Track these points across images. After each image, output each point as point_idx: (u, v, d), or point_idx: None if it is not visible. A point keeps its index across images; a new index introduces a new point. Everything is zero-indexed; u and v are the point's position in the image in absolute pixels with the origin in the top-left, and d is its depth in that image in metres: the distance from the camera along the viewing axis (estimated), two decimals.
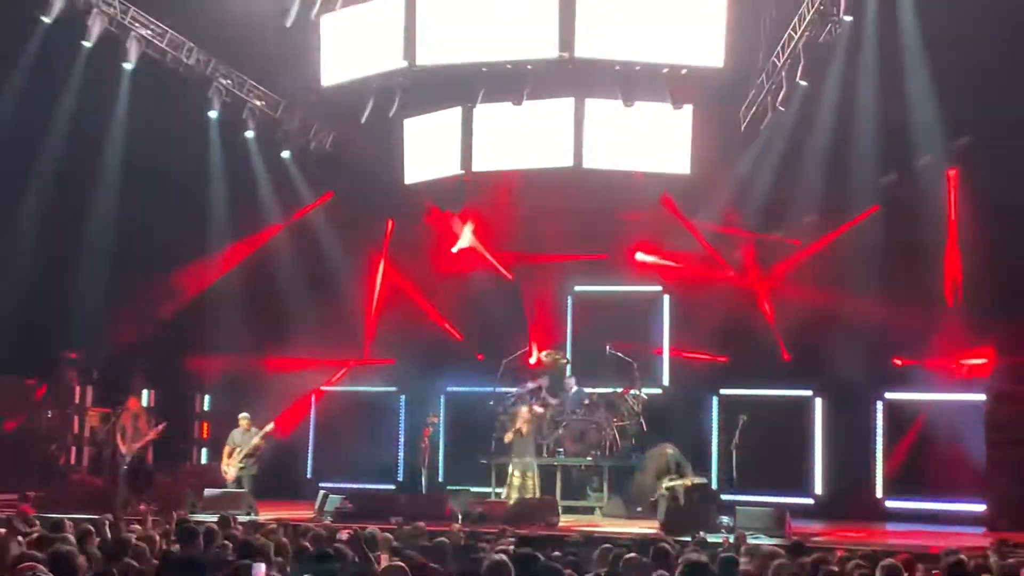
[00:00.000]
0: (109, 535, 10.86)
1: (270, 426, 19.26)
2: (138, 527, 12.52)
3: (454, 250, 22.82)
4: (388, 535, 11.67)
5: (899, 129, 19.48)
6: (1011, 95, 18.13)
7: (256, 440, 19.04)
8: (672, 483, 18.52)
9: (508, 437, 19.32)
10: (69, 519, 12.05)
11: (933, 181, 19.76)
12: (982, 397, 18.87)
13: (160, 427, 19.57)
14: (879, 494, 20.18)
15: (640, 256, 21.94)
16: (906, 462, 19.85)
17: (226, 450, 19.21)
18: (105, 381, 22.66)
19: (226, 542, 10.20)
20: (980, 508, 18.62)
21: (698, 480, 18.77)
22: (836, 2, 18.91)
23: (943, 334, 19.39)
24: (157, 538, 10.92)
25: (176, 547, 10.17)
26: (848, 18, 18.88)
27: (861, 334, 19.87)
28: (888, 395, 20.29)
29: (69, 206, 21.56)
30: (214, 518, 12.69)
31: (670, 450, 19.05)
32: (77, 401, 22.64)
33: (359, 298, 23.51)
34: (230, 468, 18.99)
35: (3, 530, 10.75)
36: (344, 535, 10.84)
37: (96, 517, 12.52)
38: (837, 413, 20.75)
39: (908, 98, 19.16)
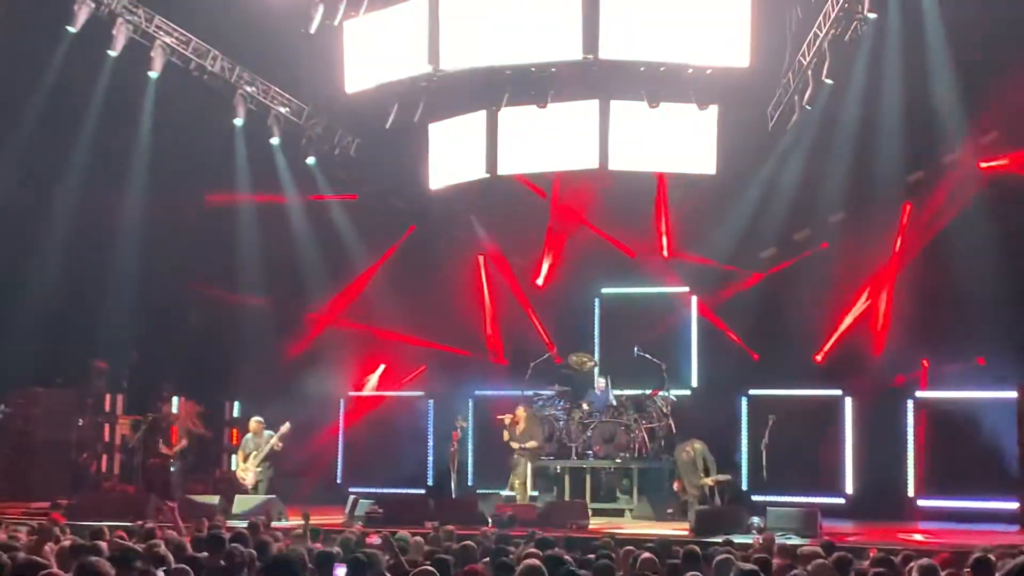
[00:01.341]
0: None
1: (286, 427, 19.21)
2: (172, 533, 12.54)
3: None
4: (419, 539, 11.69)
5: (925, 125, 19.39)
6: None
7: (272, 442, 19.05)
8: (701, 481, 18.49)
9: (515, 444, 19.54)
10: (107, 526, 12.12)
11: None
12: (1014, 394, 18.72)
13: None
14: (911, 493, 20.05)
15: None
16: (938, 460, 19.71)
17: (240, 455, 19.25)
18: (135, 389, 22.74)
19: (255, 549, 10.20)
20: (1014, 506, 18.48)
21: (722, 477, 18.68)
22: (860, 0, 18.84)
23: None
24: (187, 544, 10.93)
25: (203, 554, 10.17)
26: (872, 15, 18.80)
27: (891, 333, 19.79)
28: (919, 394, 20.15)
29: (96, 215, 21.67)
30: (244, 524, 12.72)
31: (697, 445, 18.98)
32: (108, 409, 22.73)
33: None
34: (247, 474, 19.02)
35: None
36: (375, 539, 10.84)
37: (129, 524, 12.56)
38: (868, 412, 20.61)
39: (933, 94, 19.07)
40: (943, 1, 18.63)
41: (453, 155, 21.88)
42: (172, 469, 20.26)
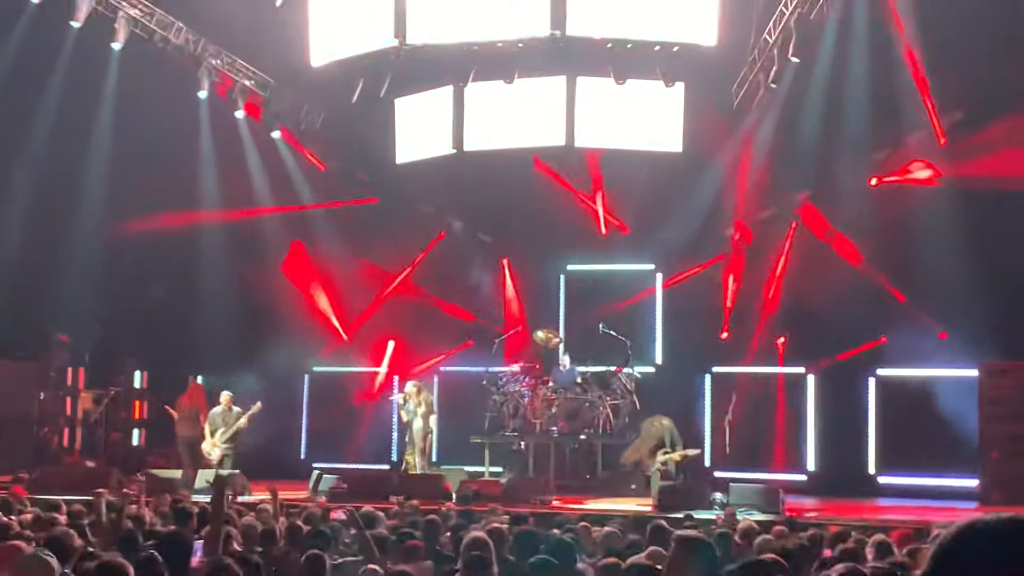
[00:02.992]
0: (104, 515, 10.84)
1: (257, 406, 19.15)
2: (133, 508, 12.49)
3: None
4: (382, 514, 11.70)
5: (890, 105, 19.46)
6: (1002, 72, 18.14)
7: (242, 423, 18.99)
8: (666, 456, 18.56)
9: (417, 423, 19.58)
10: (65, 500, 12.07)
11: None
12: (975, 372, 18.89)
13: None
14: (872, 470, 20.21)
15: None
16: (899, 437, 19.87)
17: (207, 429, 19.17)
18: (97, 363, 22.62)
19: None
20: (973, 483, 18.67)
21: (692, 452, 18.76)
22: None
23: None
24: (148, 517, 10.90)
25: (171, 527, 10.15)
26: None
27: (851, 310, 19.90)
28: (880, 371, 20.30)
29: (57, 188, 21.48)
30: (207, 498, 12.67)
31: (665, 421, 19.06)
32: (70, 383, 22.61)
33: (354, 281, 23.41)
34: (214, 449, 18.96)
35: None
36: (341, 514, 10.83)
37: (91, 498, 12.51)
38: (829, 390, 20.75)
39: (899, 74, 19.14)
40: None
41: (419, 130, 21.85)
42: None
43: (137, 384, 23.06)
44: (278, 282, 23.23)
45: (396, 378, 22.80)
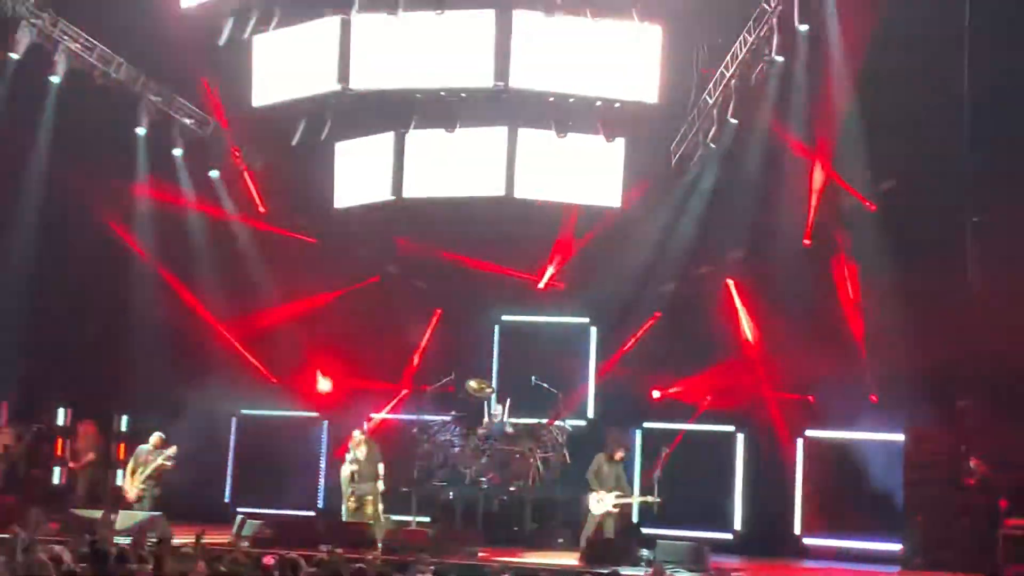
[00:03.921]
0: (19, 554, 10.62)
1: (173, 449, 18.88)
2: (53, 547, 12.24)
3: None
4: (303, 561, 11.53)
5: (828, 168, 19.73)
6: (938, 139, 18.45)
7: (160, 461, 18.73)
8: (621, 500, 18.26)
9: (345, 470, 19.13)
10: None
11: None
12: (901, 437, 19.05)
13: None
14: (797, 531, 20.27)
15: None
16: (826, 499, 19.96)
17: (129, 467, 18.90)
18: (21, 398, 22.20)
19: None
20: (896, 547, 18.78)
21: (651, 499, 18.30)
22: (768, 42, 19.16)
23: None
24: (66, 558, 10.68)
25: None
26: (779, 58, 19.14)
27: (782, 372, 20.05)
28: (808, 432, 20.41)
29: None
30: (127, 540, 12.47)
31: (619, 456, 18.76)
32: None
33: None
34: (132, 488, 18.68)
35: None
36: (269, 560, 10.68)
37: (8, 536, 12.24)
38: (759, 449, 20.83)
39: (837, 137, 19.43)
40: (850, 48, 18.96)
41: (359, 175, 21.81)
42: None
43: (60, 421, 22.65)
44: (209, 323, 22.96)
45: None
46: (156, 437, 19.02)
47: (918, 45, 18.23)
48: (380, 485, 18.81)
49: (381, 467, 18.95)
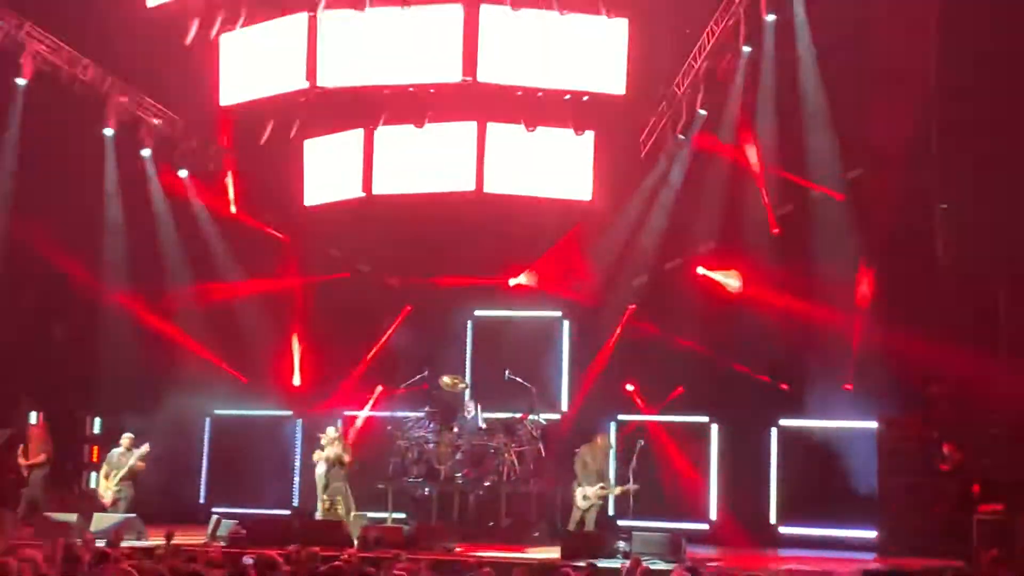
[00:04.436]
0: None
1: (145, 447, 18.80)
2: (28, 551, 12.17)
3: None
4: (280, 559, 11.50)
5: (795, 158, 19.77)
6: (902, 128, 18.53)
7: (133, 462, 18.66)
8: (604, 491, 18.34)
9: (320, 468, 19.26)
10: None
11: None
12: (874, 424, 19.13)
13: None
14: (773, 519, 20.34)
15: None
16: (801, 488, 20.03)
17: (103, 471, 18.83)
18: None
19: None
20: (872, 534, 18.86)
21: (632, 487, 18.36)
22: (735, 32, 19.20)
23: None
24: (39, 561, 10.61)
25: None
26: (747, 48, 19.19)
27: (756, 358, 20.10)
28: (782, 422, 20.47)
29: None
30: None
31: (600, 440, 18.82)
32: None
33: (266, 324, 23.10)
34: (107, 492, 18.59)
35: None
36: (249, 559, 10.66)
37: None
38: (733, 439, 20.88)
39: (804, 127, 19.48)
40: (816, 37, 19.03)
41: (329, 173, 21.78)
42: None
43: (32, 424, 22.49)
44: (181, 324, 22.85)
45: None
46: (127, 438, 18.95)
47: (885, 30, 18.29)
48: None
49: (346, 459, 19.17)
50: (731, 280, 20.63)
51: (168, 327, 22.65)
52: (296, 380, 22.86)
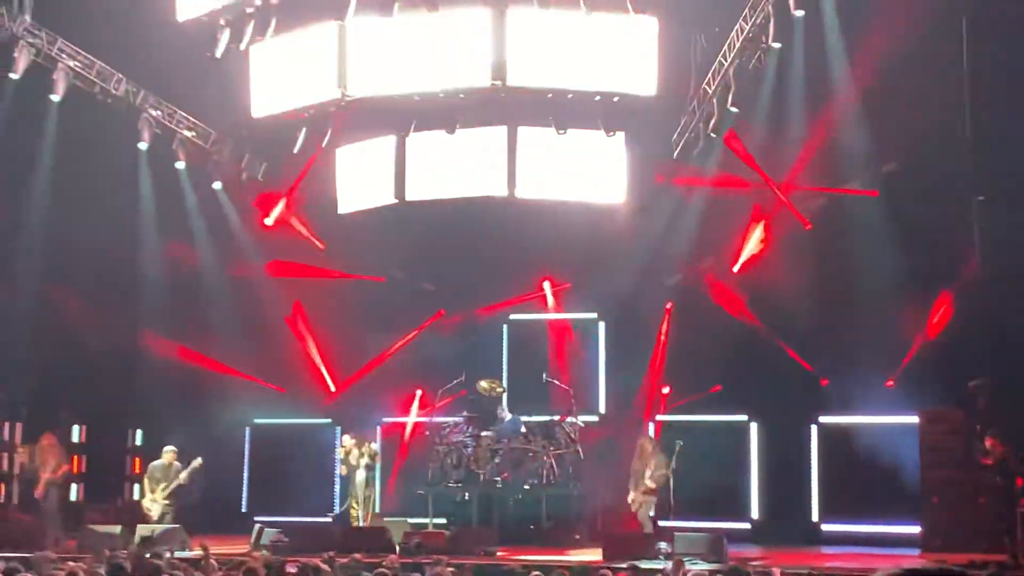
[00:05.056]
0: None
1: (198, 462, 18.90)
2: (71, 564, 12.28)
3: None
4: (327, 567, 11.56)
5: (828, 154, 19.68)
6: (936, 121, 18.42)
7: (183, 477, 18.75)
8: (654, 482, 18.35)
9: (360, 475, 19.65)
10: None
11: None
12: (915, 419, 19.01)
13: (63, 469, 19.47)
14: (815, 517, 20.26)
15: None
16: (842, 485, 19.93)
17: (147, 485, 18.91)
18: (33, 416, 22.23)
19: None
20: (915, 530, 18.75)
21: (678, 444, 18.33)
22: (765, 29, 19.14)
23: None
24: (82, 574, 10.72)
25: None
26: (777, 45, 19.12)
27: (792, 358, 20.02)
28: (822, 419, 20.38)
29: None
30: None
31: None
32: (5, 438, 22.20)
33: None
34: (155, 505, 18.67)
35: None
36: (292, 568, 10.73)
37: (28, 555, 12.29)
38: (773, 437, 20.81)
39: (836, 123, 19.40)
40: (846, 32, 18.94)
41: (361, 180, 21.85)
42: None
43: (75, 438, 22.68)
44: (219, 333, 22.98)
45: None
46: (168, 451, 19.03)
47: (916, 24, 18.17)
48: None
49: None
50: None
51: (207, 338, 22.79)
52: (331, 387, 22.91)
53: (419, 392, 22.11)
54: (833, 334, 19.83)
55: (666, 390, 21.15)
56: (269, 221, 22.41)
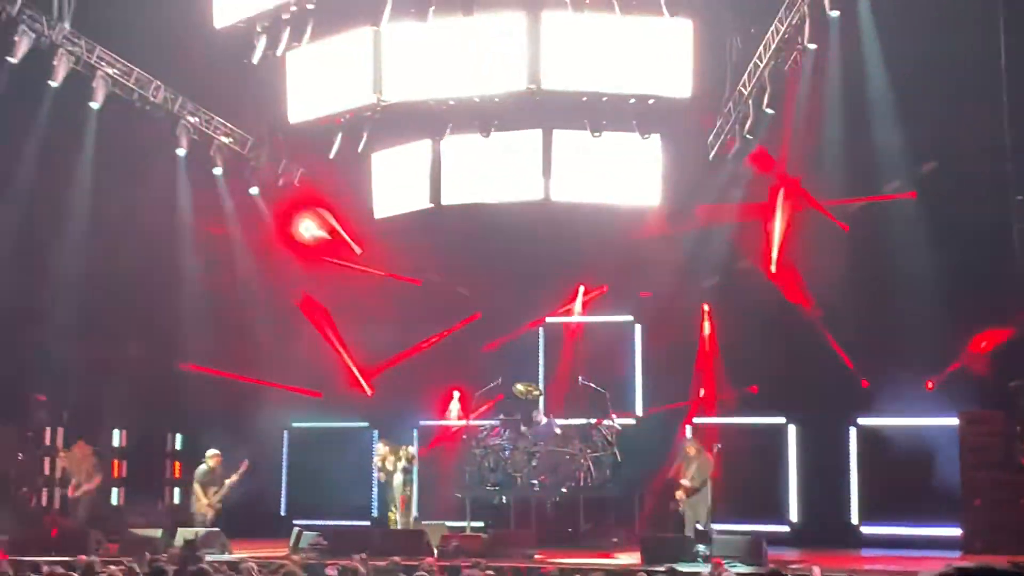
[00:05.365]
0: None
1: (244, 465, 19.08)
2: (112, 567, 12.38)
3: None
4: (363, 570, 11.62)
5: (865, 155, 19.60)
6: (978, 118, 18.31)
7: (230, 481, 18.91)
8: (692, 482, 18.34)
9: (397, 479, 19.77)
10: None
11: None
12: (955, 421, 18.89)
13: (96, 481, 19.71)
14: (854, 520, 20.15)
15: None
16: (881, 487, 19.82)
17: (198, 489, 19.04)
18: (75, 422, 22.43)
19: None
20: (956, 532, 18.62)
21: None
22: (800, 30, 19.08)
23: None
24: None
25: None
26: (812, 46, 19.07)
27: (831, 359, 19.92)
28: (861, 421, 20.28)
29: (36, 247, 21.37)
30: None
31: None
32: (48, 443, 22.40)
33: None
34: (208, 510, 18.82)
35: None
36: (332, 571, 10.78)
37: (70, 559, 12.39)
38: (811, 439, 20.72)
39: (872, 124, 19.31)
40: (882, 32, 18.86)
41: (397, 185, 21.92)
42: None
43: (116, 443, 22.87)
44: (257, 337, 23.11)
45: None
46: (213, 455, 19.17)
47: (953, 23, 18.08)
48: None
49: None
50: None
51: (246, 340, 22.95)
52: (367, 390, 23.01)
53: (456, 394, 22.18)
54: (872, 336, 19.73)
55: (703, 392, 21.11)
56: (305, 235, 22.63)
